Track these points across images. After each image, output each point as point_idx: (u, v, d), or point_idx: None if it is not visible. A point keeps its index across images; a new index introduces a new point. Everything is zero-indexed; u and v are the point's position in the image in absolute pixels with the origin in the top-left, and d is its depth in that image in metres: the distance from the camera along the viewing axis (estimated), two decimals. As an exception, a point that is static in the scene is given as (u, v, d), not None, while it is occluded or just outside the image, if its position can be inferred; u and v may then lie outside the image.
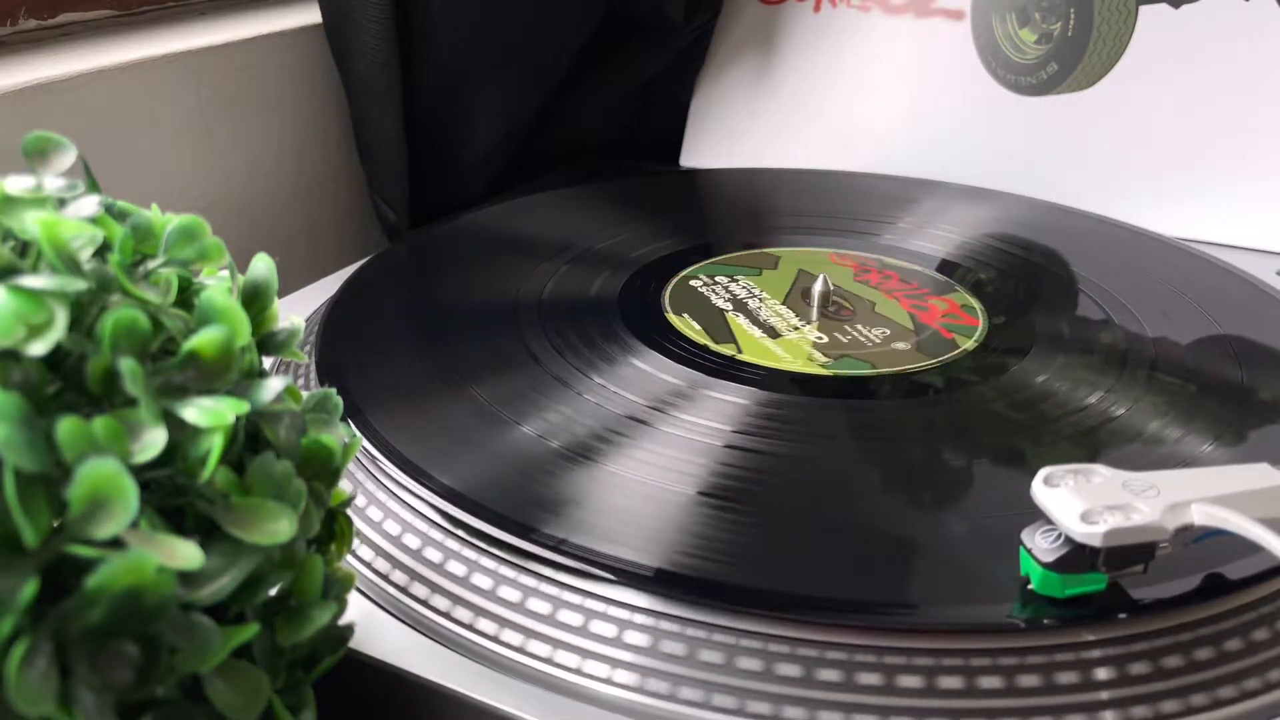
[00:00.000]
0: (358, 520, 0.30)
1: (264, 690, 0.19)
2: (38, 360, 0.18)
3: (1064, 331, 0.39)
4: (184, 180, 0.48)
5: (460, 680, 0.25)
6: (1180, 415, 0.34)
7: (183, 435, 0.19)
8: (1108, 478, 0.26)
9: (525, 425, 0.33)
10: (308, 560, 0.21)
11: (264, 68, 0.50)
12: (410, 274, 0.45)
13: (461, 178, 0.55)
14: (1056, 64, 0.53)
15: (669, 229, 0.48)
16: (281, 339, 0.23)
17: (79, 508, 0.17)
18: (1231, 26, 0.49)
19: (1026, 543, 0.25)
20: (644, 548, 0.27)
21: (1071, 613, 0.25)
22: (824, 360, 0.37)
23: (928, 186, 0.53)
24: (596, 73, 0.60)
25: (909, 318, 0.40)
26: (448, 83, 0.52)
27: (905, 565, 0.27)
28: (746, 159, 0.58)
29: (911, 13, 0.56)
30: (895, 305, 0.41)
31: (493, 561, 0.28)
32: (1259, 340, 0.38)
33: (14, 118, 0.41)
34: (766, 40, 0.59)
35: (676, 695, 0.25)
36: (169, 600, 0.17)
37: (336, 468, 0.23)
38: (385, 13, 0.49)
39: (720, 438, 0.32)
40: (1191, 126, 0.50)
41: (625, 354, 0.37)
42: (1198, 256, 0.45)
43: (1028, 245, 0.46)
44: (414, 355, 0.37)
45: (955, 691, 0.24)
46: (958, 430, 0.33)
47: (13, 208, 0.20)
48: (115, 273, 0.20)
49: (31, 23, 0.47)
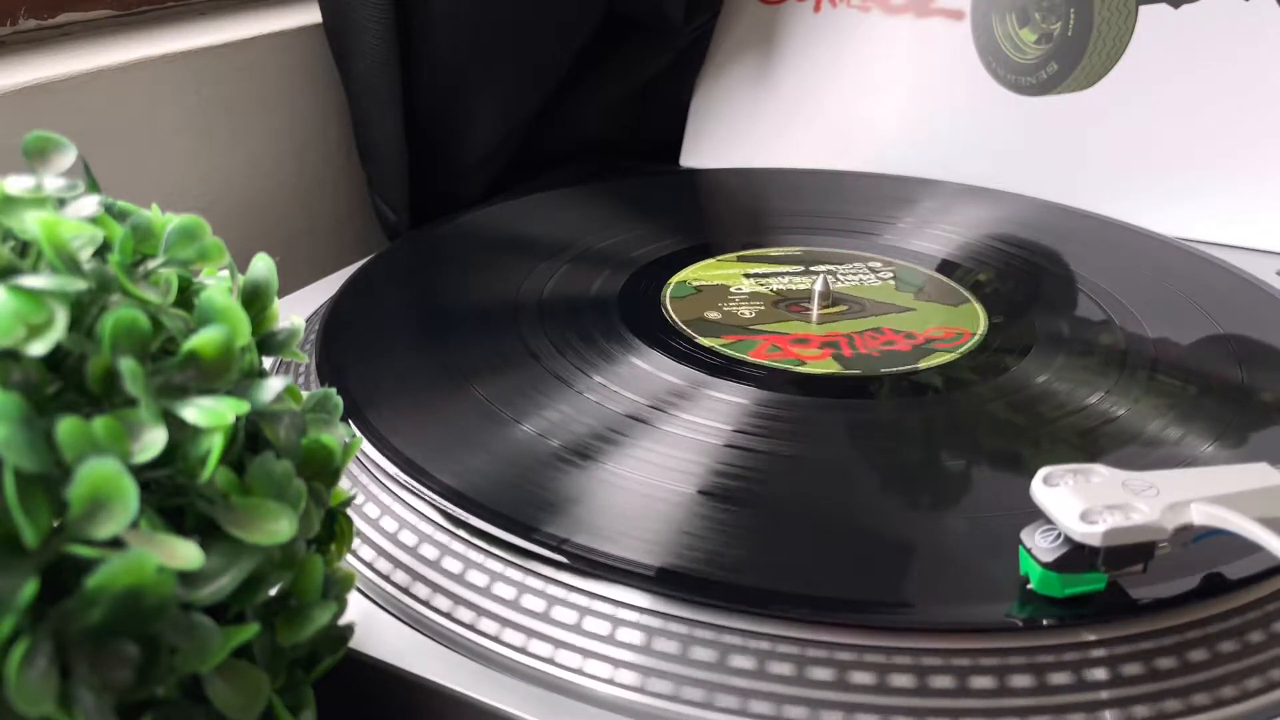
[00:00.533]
0: (358, 520, 0.30)
1: (264, 690, 0.19)
2: (38, 360, 0.18)
3: (1064, 331, 0.39)
4: (184, 180, 0.48)
5: (460, 680, 0.25)
6: (1180, 415, 0.34)
7: (183, 435, 0.19)
8: (1107, 477, 0.26)
9: (526, 424, 0.33)
10: (308, 560, 0.21)
11: (264, 68, 0.50)
12: (410, 274, 0.45)
13: (461, 178, 0.55)
14: (1056, 64, 0.53)
15: (669, 229, 0.48)
16: (281, 339, 0.23)
17: (79, 508, 0.17)
18: (1231, 26, 0.49)
19: (1026, 542, 0.25)
20: (645, 547, 0.27)
21: (1071, 612, 0.25)
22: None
23: (928, 186, 0.53)
24: (596, 73, 0.60)
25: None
26: (448, 83, 0.52)
27: (905, 565, 0.27)
28: (746, 159, 0.58)
29: (911, 13, 0.56)
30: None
31: (493, 561, 0.28)
32: (1259, 340, 0.38)
33: (14, 118, 0.41)
34: (766, 40, 0.59)
35: (677, 695, 0.25)
36: (169, 600, 0.17)
37: (336, 468, 0.23)
38: (385, 13, 0.49)
39: (720, 437, 0.32)
40: (1191, 126, 0.50)
41: (626, 353, 0.37)
42: (1198, 256, 0.45)
43: (1028, 245, 0.46)
44: (414, 355, 0.37)
45: (954, 691, 0.24)
46: (957, 430, 0.33)
47: (13, 208, 0.20)
48: (115, 273, 0.20)
49: (31, 23, 0.47)
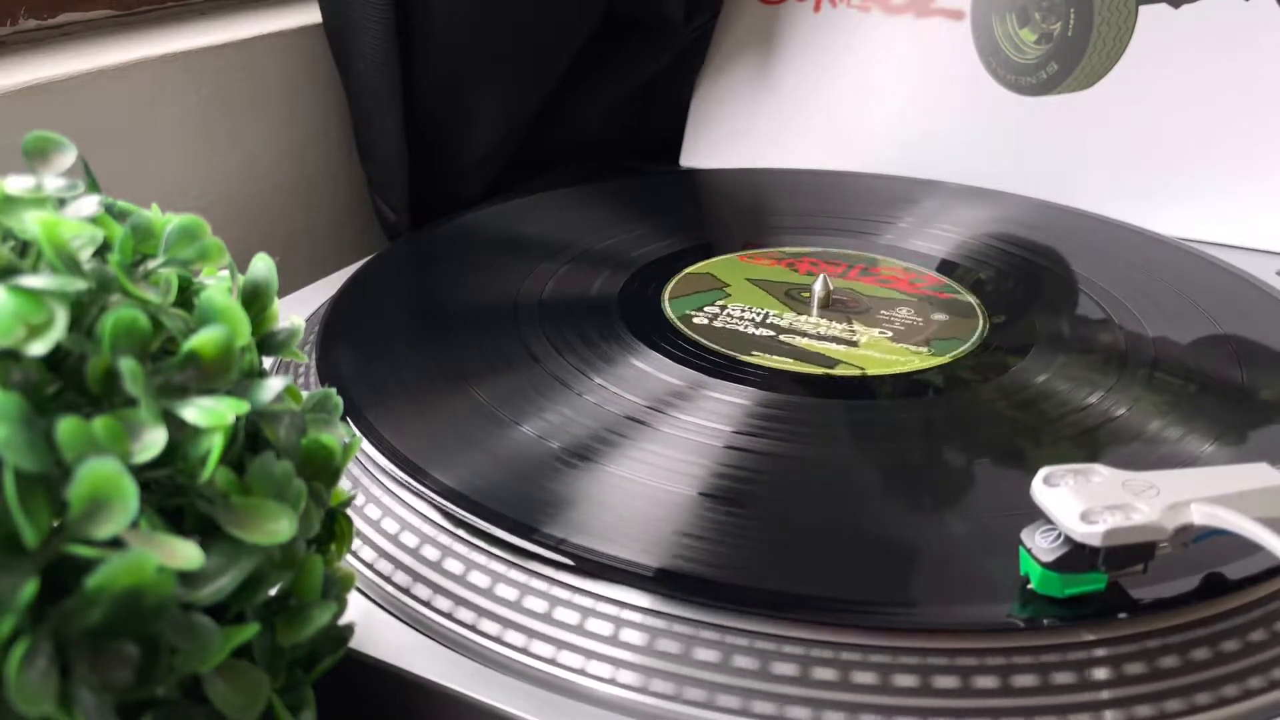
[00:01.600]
0: (358, 520, 0.30)
1: (264, 690, 0.19)
2: (38, 360, 0.18)
3: (1064, 331, 0.39)
4: (184, 180, 0.48)
5: (461, 680, 0.25)
6: (1180, 415, 0.34)
7: (183, 435, 0.19)
8: (1107, 477, 0.26)
9: (525, 425, 0.33)
10: (308, 560, 0.21)
11: (264, 68, 0.50)
12: (411, 274, 0.45)
13: (461, 178, 0.55)
14: (1056, 64, 0.53)
15: (669, 229, 0.48)
16: (281, 339, 0.23)
17: (79, 508, 0.17)
18: (1231, 26, 0.49)
19: (1026, 542, 0.25)
20: (644, 547, 0.27)
21: (1071, 612, 0.25)
22: (919, 350, 0.38)
23: (928, 186, 0.53)
24: (596, 73, 0.60)
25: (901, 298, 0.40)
26: (448, 83, 0.52)
27: (905, 565, 0.27)
28: (746, 159, 0.58)
29: (911, 13, 0.56)
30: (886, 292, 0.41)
31: (493, 561, 0.28)
32: (1259, 340, 0.38)
33: (14, 118, 0.41)
34: (766, 40, 0.59)
35: (678, 695, 0.25)
36: (169, 600, 0.17)
37: (336, 468, 0.23)
38: (385, 13, 0.49)
39: (720, 438, 0.32)
40: (1191, 127, 0.50)
41: (625, 354, 0.37)
42: (1198, 256, 0.45)
43: (1028, 245, 0.46)
44: (414, 355, 0.37)
45: (955, 691, 0.24)
46: (958, 430, 0.33)
47: (13, 208, 0.20)
48: (115, 273, 0.20)
49: (31, 23, 0.47)
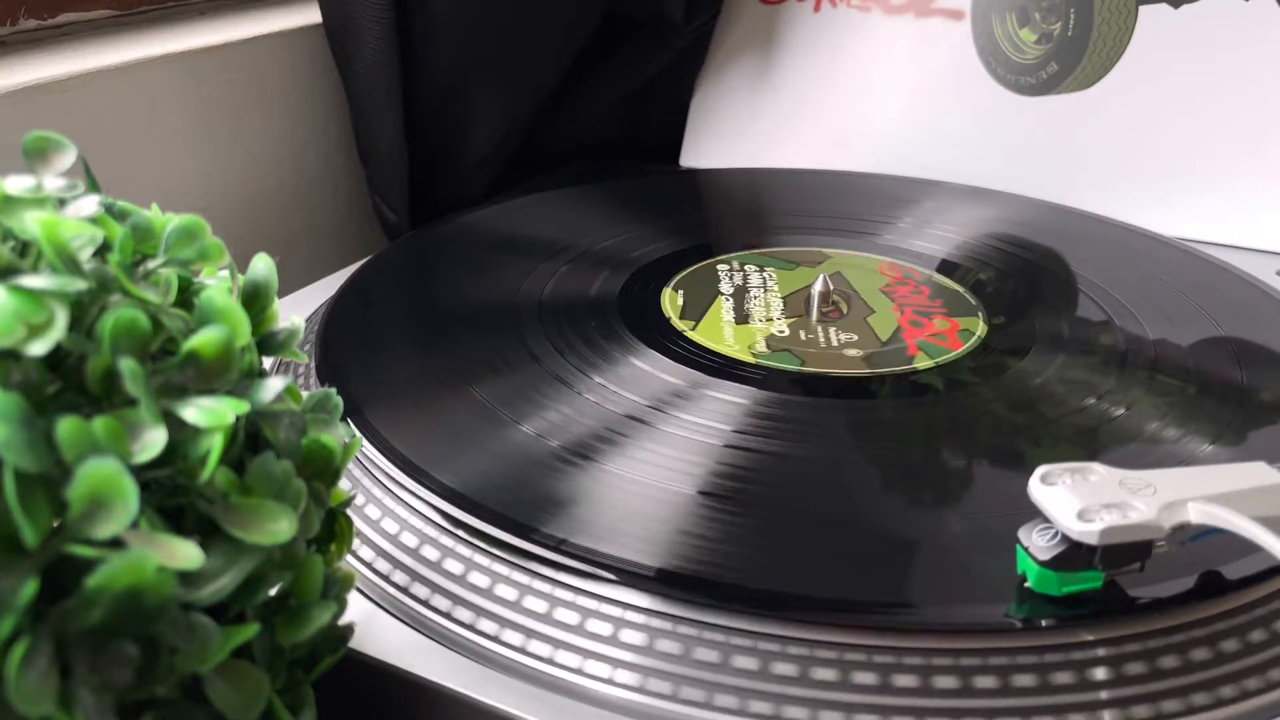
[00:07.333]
0: (357, 520, 0.30)
1: (264, 690, 0.19)
2: (38, 360, 0.18)
3: (1064, 331, 0.39)
4: (184, 180, 0.48)
5: (460, 680, 0.25)
6: (1180, 415, 0.34)
7: (183, 435, 0.19)
8: (1104, 476, 0.26)
9: (525, 425, 0.33)
10: (308, 560, 0.21)
11: (264, 68, 0.50)
12: (410, 274, 0.45)
13: (461, 178, 0.55)
14: (1056, 64, 0.53)
15: (669, 229, 0.48)
16: (281, 339, 0.23)
17: (79, 508, 0.17)
18: (1231, 26, 0.49)
19: (1023, 541, 0.25)
20: (644, 547, 0.27)
21: (1069, 611, 0.25)
22: (761, 351, 0.37)
23: (928, 186, 0.53)
24: (596, 73, 0.60)
25: (892, 332, 0.39)
26: (448, 83, 0.52)
27: (903, 565, 0.27)
28: (746, 159, 0.58)
29: (911, 13, 0.56)
30: (891, 319, 0.40)
31: (493, 561, 0.28)
32: (1259, 340, 0.38)
33: (14, 118, 0.41)
34: (766, 40, 0.59)
35: (677, 695, 0.25)
36: (169, 600, 0.17)
37: (336, 468, 0.23)
38: (385, 14, 0.49)
39: (720, 438, 0.32)
40: (1191, 127, 0.50)
41: (625, 354, 0.37)
42: (1198, 256, 0.45)
43: (1028, 245, 0.46)
44: (414, 355, 0.37)
45: (953, 691, 0.24)
46: (957, 430, 0.33)
47: (13, 208, 0.20)
48: (115, 273, 0.20)
49: (31, 23, 0.47)
